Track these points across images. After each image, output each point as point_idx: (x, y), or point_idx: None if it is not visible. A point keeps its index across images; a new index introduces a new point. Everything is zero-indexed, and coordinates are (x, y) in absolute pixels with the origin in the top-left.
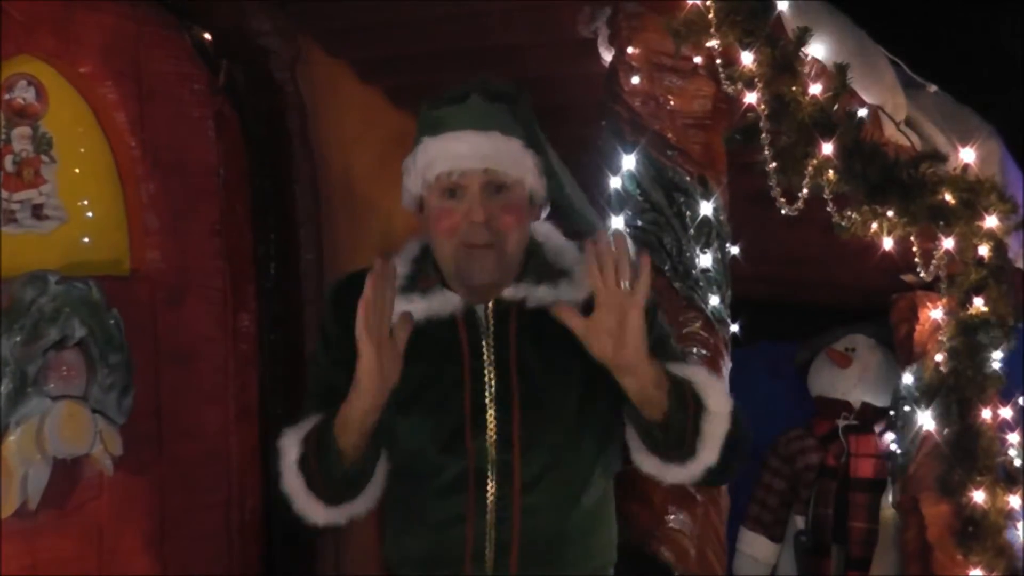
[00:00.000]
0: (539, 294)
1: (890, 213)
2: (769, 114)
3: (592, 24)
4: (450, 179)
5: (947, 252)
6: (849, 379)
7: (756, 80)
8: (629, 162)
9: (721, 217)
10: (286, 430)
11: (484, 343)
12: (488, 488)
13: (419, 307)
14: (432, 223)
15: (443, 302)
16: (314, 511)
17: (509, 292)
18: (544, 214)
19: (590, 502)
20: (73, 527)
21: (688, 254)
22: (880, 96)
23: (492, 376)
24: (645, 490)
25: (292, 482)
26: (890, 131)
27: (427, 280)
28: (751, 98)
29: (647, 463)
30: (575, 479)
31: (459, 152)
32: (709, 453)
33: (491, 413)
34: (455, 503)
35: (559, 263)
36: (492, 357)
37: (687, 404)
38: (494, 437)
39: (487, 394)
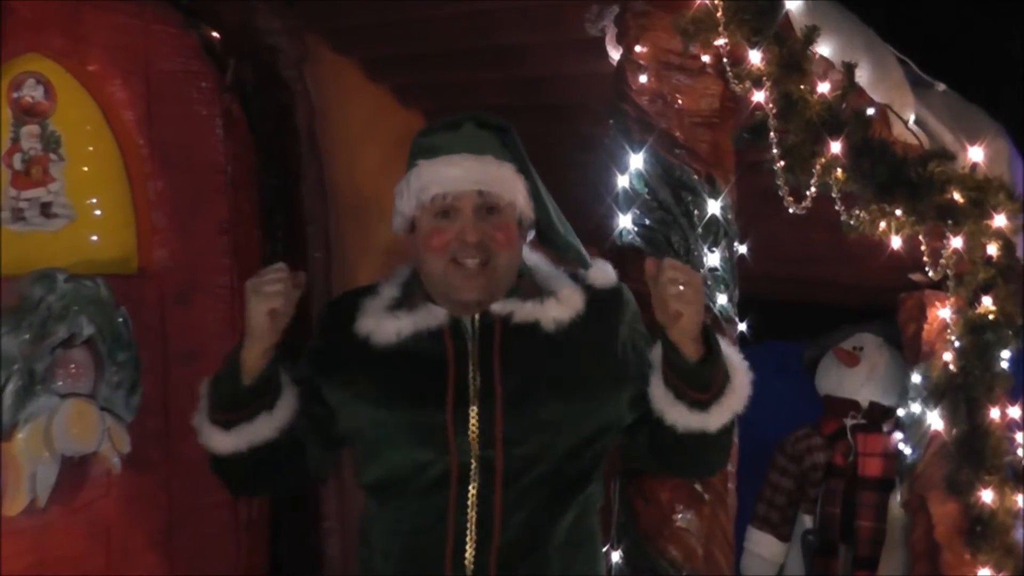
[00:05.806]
0: (525, 310)
1: (898, 212)
2: (777, 113)
3: (599, 23)
4: (444, 201)
5: (955, 251)
6: (857, 378)
7: (764, 79)
8: (637, 161)
9: (729, 216)
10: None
11: (469, 348)
12: (470, 486)
13: (406, 322)
14: (423, 241)
15: (429, 316)
16: (216, 438)
17: (496, 307)
18: (530, 237)
19: (572, 506)
20: (81, 525)
21: (696, 253)
22: (888, 95)
23: (476, 376)
24: (652, 489)
25: (199, 414)
26: (898, 130)
27: (414, 299)
28: (759, 97)
29: (671, 412)
30: (556, 478)
31: (454, 175)
32: (735, 400)
33: (474, 410)
34: (436, 501)
35: (548, 286)
36: (477, 360)
37: (719, 350)
38: (476, 433)
39: (471, 393)
